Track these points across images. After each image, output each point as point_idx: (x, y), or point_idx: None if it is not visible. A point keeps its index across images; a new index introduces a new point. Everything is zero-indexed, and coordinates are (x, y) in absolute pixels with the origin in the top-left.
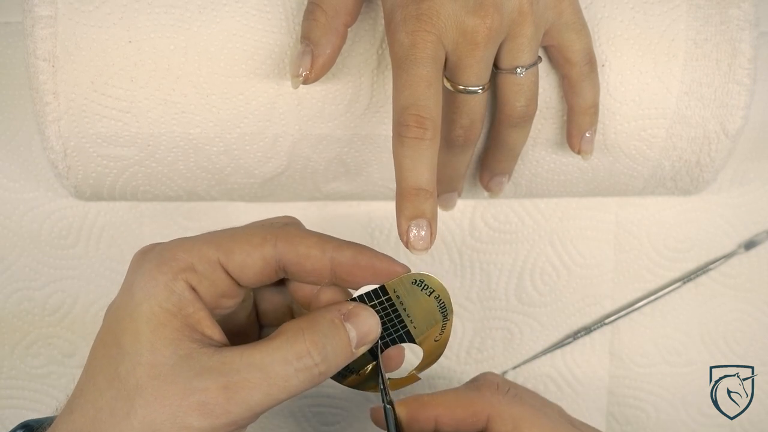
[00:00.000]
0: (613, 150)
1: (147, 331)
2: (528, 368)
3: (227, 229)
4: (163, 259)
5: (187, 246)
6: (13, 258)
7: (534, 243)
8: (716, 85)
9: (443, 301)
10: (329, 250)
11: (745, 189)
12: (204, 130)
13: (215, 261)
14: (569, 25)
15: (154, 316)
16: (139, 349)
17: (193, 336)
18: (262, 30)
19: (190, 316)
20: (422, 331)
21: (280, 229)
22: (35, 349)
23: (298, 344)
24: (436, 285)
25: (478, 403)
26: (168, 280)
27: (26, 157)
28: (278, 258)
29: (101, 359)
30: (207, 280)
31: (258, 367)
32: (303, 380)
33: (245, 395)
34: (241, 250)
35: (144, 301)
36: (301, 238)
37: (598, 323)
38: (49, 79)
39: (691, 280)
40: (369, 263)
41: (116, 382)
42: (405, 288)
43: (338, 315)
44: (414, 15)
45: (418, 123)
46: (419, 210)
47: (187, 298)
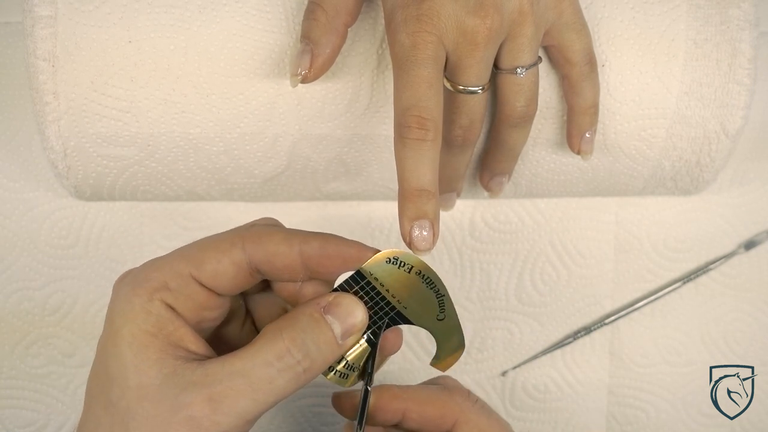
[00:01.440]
0: (613, 150)
1: (130, 355)
2: (528, 368)
3: (198, 241)
4: (137, 281)
5: (159, 264)
6: (13, 258)
7: (534, 243)
8: (716, 85)
9: (428, 276)
10: (296, 244)
11: (745, 189)
12: (204, 130)
13: (187, 275)
14: (569, 25)
15: (135, 339)
16: (125, 373)
17: (176, 353)
18: (262, 30)
19: (171, 335)
20: (415, 310)
21: (246, 231)
22: (35, 349)
23: (277, 344)
24: (413, 261)
25: (448, 406)
26: (143, 302)
27: (26, 157)
28: (248, 260)
29: (94, 387)
30: (182, 295)
31: (240, 373)
32: (288, 380)
33: (231, 403)
34: (210, 258)
35: (123, 325)
36: (268, 236)
37: (598, 323)
38: (49, 79)
39: (691, 280)
40: (337, 252)
41: (110, 408)
42: (381, 269)
43: (317, 309)
44: (414, 16)
45: (419, 124)
46: (422, 211)
47: (165, 317)
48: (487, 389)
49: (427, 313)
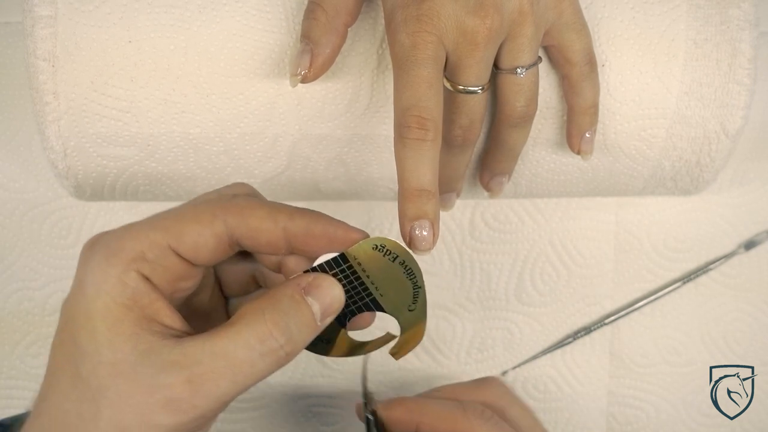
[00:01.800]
0: (613, 150)
1: (104, 329)
2: (528, 368)
3: (174, 209)
4: (111, 250)
5: (134, 233)
6: (13, 258)
7: (534, 243)
8: (716, 85)
9: (410, 267)
10: (282, 220)
11: (745, 189)
12: (204, 130)
13: (165, 246)
14: (569, 25)
15: (109, 312)
16: (98, 348)
17: (152, 328)
18: (262, 30)
19: (146, 308)
20: (391, 299)
21: (228, 203)
22: (35, 349)
23: (260, 327)
24: (398, 250)
25: (461, 423)
26: (119, 272)
27: (26, 157)
28: (230, 233)
29: (61, 359)
30: (160, 266)
31: (221, 355)
32: (269, 363)
33: (211, 386)
34: (191, 230)
35: (97, 297)
36: (251, 210)
37: (598, 323)
38: (49, 79)
39: (691, 280)
40: (323, 232)
41: (79, 383)
42: (366, 254)
43: (298, 290)
44: (414, 16)
45: (419, 124)
46: (422, 211)
47: (141, 290)
48: None
49: (401, 302)
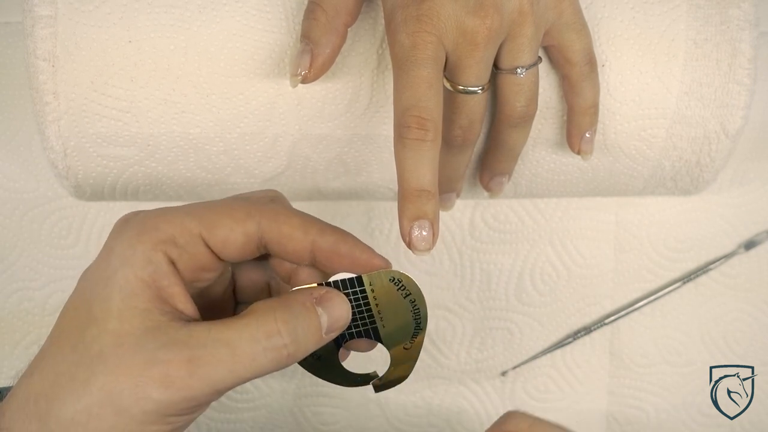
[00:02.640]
0: (613, 150)
1: (118, 299)
2: (528, 368)
3: (210, 203)
4: (145, 228)
5: (170, 217)
6: (13, 258)
7: (534, 243)
8: (716, 85)
9: (418, 307)
10: (312, 233)
11: (745, 189)
12: (204, 130)
13: (197, 234)
14: (569, 26)
15: (127, 284)
16: (107, 316)
17: (163, 309)
18: (262, 30)
19: (163, 289)
20: (390, 332)
21: (265, 206)
22: (35, 349)
23: (269, 323)
24: (413, 288)
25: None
26: (147, 249)
27: (26, 157)
28: (260, 235)
29: (69, 323)
30: (187, 253)
31: (225, 343)
32: (270, 360)
33: (209, 370)
34: (224, 224)
35: (119, 268)
36: (285, 218)
37: (598, 323)
38: (49, 79)
39: (691, 280)
40: (349, 252)
41: (80, 347)
42: (381, 283)
43: (310, 298)
44: (414, 16)
45: (419, 124)
46: (421, 211)
47: (163, 270)
48: (487, 389)
49: (400, 338)
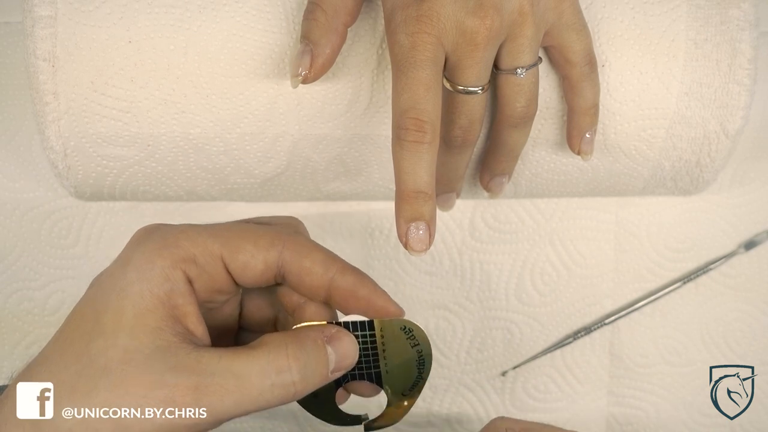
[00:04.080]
0: (613, 150)
1: (130, 314)
2: (528, 368)
3: (233, 224)
4: (166, 243)
5: (192, 235)
6: (13, 258)
7: (534, 243)
8: (716, 86)
9: (424, 359)
10: (332, 270)
11: (745, 189)
12: (204, 130)
13: (218, 256)
14: (570, 26)
15: (142, 299)
16: (117, 330)
17: (175, 328)
18: (262, 30)
19: (177, 308)
20: (392, 378)
21: (289, 236)
22: (35, 349)
23: (280, 358)
24: (422, 339)
25: None
26: (166, 266)
27: (26, 157)
28: (281, 265)
29: (75, 330)
30: (206, 274)
31: (234, 374)
32: (277, 396)
33: (214, 400)
34: (247, 250)
35: (136, 281)
36: (308, 251)
37: (598, 323)
38: (49, 79)
39: (692, 280)
40: (366, 296)
41: (85, 358)
42: (392, 331)
43: (322, 336)
44: (414, 16)
45: (417, 127)
46: (418, 212)
47: (179, 289)
48: (487, 389)
49: (401, 385)
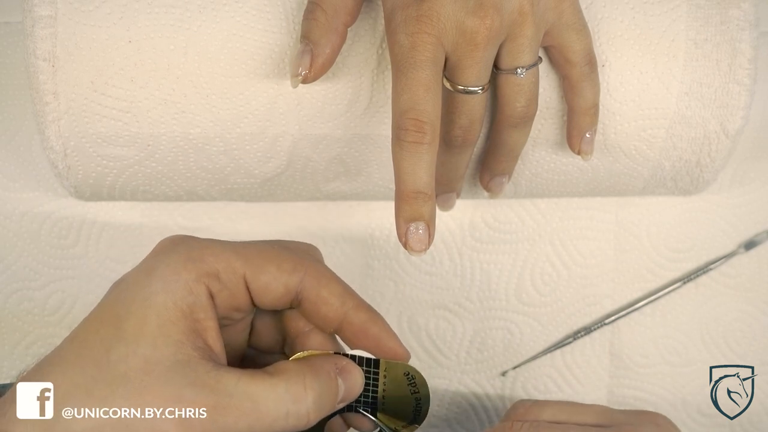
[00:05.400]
0: (613, 150)
1: (154, 324)
2: (528, 368)
3: (257, 244)
4: (191, 257)
5: (218, 251)
6: (13, 258)
7: (534, 243)
8: (716, 86)
9: (421, 405)
10: (348, 305)
11: (745, 189)
12: (204, 130)
13: (241, 275)
14: (570, 26)
15: (166, 310)
16: (139, 339)
17: (195, 343)
18: (262, 30)
19: (199, 322)
20: (388, 417)
21: (310, 264)
22: (35, 349)
23: (298, 389)
24: (422, 388)
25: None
26: (191, 279)
27: (26, 157)
28: (300, 291)
29: (94, 335)
30: (227, 290)
31: (251, 397)
32: (291, 424)
33: (230, 421)
34: (269, 272)
35: (161, 292)
36: (327, 281)
37: (598, 323)
38: (49, 79)
39: (692, 280)
40: (377, 335)
41: (104, 363)
42: (395, 373)
43: (335, 369)
44: (414, 16)
45: (416, 127)
46: (418, 212)
47: (202, 304)
48: (487, 389)
49: (394, 425)
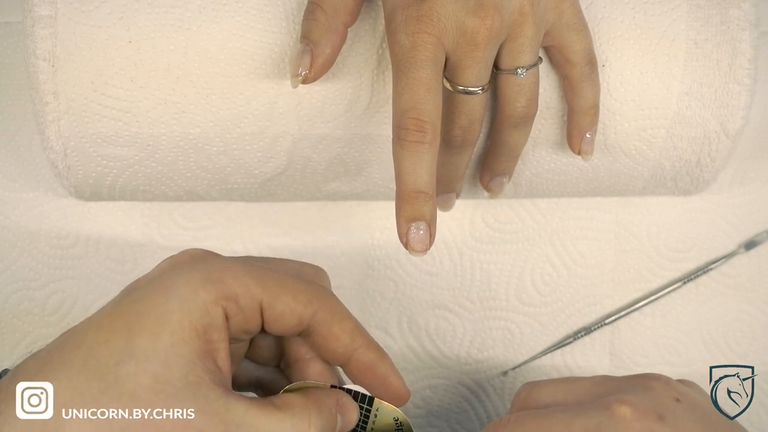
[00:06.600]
0: (613, 150)
1: (167, 342)
2: (528, 368)
3: (279, 273)
4: (212, 277)
5: (238, 274)
6: (13, 258)
7: (534, 243)
8: (716, 86)
9: None
10: (358, 343)
11: (745, 189)
12: (204, 130)
13: (257, 301)
14: (570, 26)
15: (181, 328)
16: (151, 357)
17: (206, 365)
18: (262, 30)
19: (211, 343)
20: None
21: (325, 298)
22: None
23: (303, 424)
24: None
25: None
26: (209, 300)
27: (26, 157)
28: (311, 322)
29: (103, 345)
30: (242, 314)
31: (257, 430)
32: None
33: None
34: (285, 302)
35: (178, 309)
36: (340, 318)
37: (598, 323)
38: (49, 79)
39: (692, 280)
40: (382, 376)
41: (111, 378)
42: (386, 415)
43: (336, 405)
44: (414, 16)
45: (417, 127)
46: (418, 212)
47: (217, 325)
48: (487, 389)
49: None
